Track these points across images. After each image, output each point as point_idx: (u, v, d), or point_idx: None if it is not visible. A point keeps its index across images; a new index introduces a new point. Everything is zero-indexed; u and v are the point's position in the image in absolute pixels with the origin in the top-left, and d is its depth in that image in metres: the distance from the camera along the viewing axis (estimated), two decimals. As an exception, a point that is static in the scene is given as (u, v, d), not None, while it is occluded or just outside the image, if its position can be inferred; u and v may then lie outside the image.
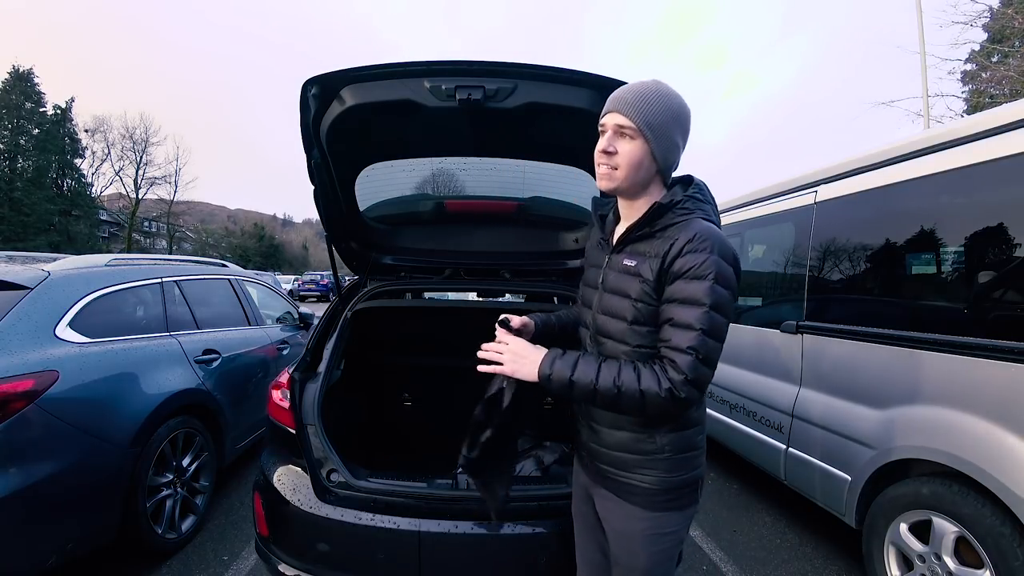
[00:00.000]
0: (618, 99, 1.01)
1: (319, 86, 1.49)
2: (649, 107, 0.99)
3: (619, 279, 1.06)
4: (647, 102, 0.99)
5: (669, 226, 1.00)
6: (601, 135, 1.04)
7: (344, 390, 2.20)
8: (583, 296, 1.21)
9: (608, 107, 1.03)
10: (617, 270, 1.07)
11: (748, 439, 2.95)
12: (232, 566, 2.27)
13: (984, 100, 12.81)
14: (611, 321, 1.06)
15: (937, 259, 1.92)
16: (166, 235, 40.63)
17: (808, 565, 2.41)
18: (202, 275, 3.18)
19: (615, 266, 1.08)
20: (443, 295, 3.75)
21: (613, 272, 1.08)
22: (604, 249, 1.15)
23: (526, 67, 1.44)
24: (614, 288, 1.07)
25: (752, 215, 3.25)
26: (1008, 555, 1.50)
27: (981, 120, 1.77)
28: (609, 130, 1.02)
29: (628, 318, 1.02)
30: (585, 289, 1.20)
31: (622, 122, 0.99)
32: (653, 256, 0.99)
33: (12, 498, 1.62)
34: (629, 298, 1.02)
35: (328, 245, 2.08)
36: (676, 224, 0.99)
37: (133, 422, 2.07)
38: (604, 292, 1.10)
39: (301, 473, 1.60)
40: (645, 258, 1.02)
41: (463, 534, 1.42)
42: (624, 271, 1.05)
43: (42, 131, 33.28)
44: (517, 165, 2.02)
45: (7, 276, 2.00)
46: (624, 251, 1.08)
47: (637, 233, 1.04)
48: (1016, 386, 1.54)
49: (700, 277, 0.92)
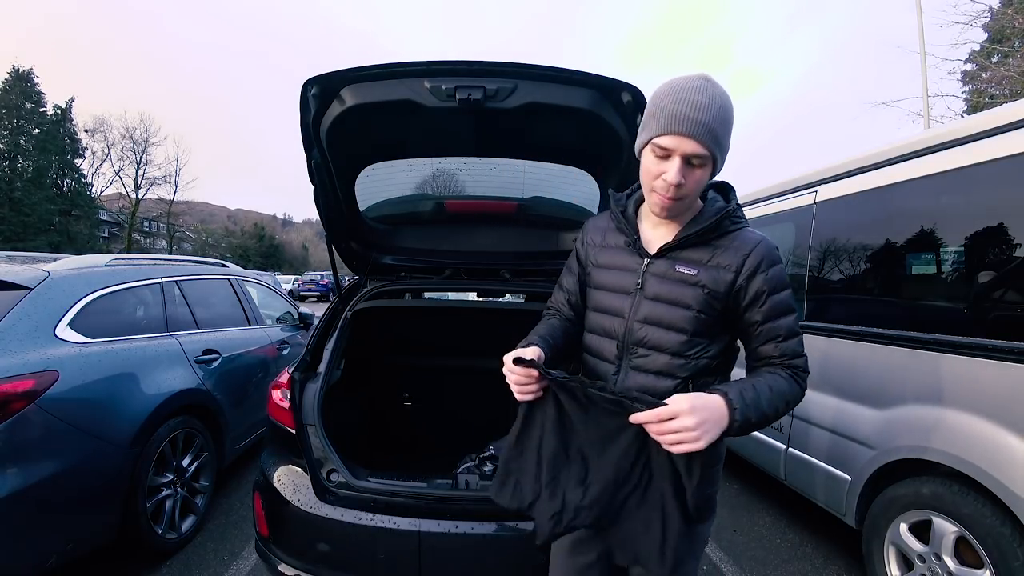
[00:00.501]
0: (691, 121, 0.87)
1: (319, 86, 1.49)
2: (724, 127, 0.90)
3: (673, 288, 0.98)
4: (722, 122, 0.89)
5: (724, 234, 0.99)
6: (655, 154, 0.92)
7: (344, 390, 2.20)
8: (601, 302, 1.09)
9: (677, 128, 0.88)
10: (666, 278, 0.99)
11: (748, 439, 2.95)
12: (232, 566, 2.27)
13: (984, 100, 12.81)
14: (661, 332, 0.99)
15: (937, 259, 1.92)
16: (166, 235, 40.62)
17: (808, 565, 2.41)
18: (202, 275, 3.18)
19: (661, 273, 1.00)
20: (443, 295, 3.75)
21: (658, 279, 1.00)
22: (633, 252, 1.05)
23: (526, 67, 1.44)
24: (666, 297, 0.99)
25: (752, 215, 3.25)
26: (1008, 555, 1.50)
27: (981, 120, 1.77)
28: (678, 158, 0.89)
29: (689, 329, 0.97)
30: (606, 295, 1.08)
31: (696, 151, 0.88)
32: (719, 267, 0.97)
33: (12, 498, 1.62)
34: (690, 309, 0.97)
35: (328, 245, 2.08)
36: (731, 233, 0.99)
37: (133, 422, 2.07)
38: (645, 300, 1.01)
39: (301, 473, 1.60)
40: (706, 267, 0.97)
41: (463, 534, 1.42)
42: (680, 280, 0.98)
43: (42, 131, 33.27)
44: (517, 165, 2.01)
45: (7, 276, 1.99)
46: (670, 257, 1.00)
47: (693, 240, 0.99)
48: (1016, 386, 1.54)
49: (784, 287, 0.98)
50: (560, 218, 2.28)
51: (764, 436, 2.78)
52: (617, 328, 1.04)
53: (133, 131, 36.83)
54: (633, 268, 1.04)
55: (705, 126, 0.87)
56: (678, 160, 0.89)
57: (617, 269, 1.07)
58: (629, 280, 1.04)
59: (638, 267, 1.03)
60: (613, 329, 1.05)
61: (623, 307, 1.04)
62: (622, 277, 1.05)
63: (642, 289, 1.02)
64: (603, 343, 1.07)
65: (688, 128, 0.87)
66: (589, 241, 1.16)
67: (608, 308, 1.07)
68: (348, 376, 2.28)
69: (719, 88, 0.90)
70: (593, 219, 1.21)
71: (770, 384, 0.92)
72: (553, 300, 1.23)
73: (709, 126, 0.87)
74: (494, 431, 2.41)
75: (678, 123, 0.87)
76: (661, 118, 0.90)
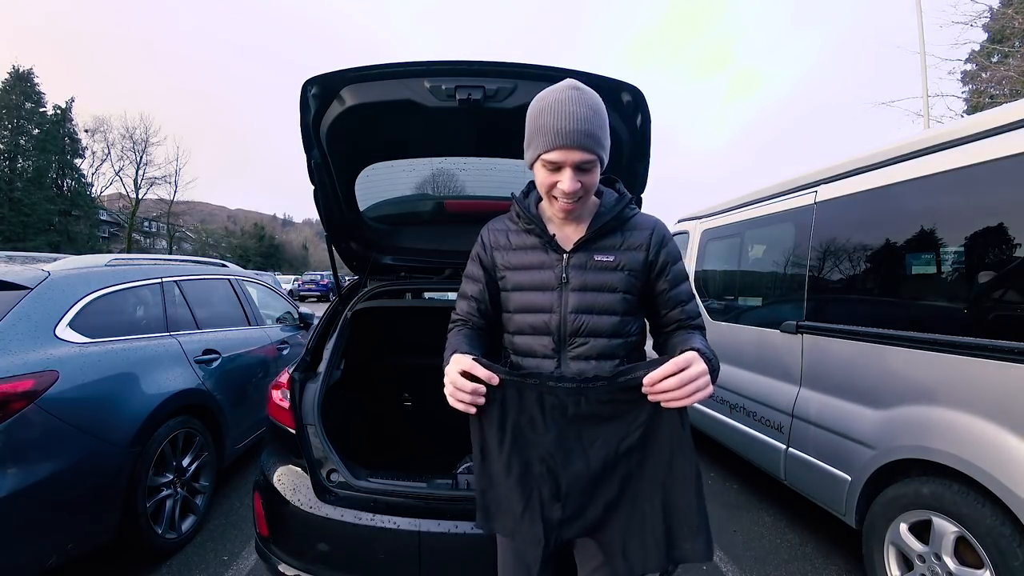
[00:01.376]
0: (573, 133, 0.92)
1: (319, 86, 1.49)
2: (601, 128, 0.95)
3: (596, 276, 1.05)
4: (599, 125, 0.95)
5: (626, 220, 1.09)
6: (546, 168, 0.97)
7: (344, 390, 2.20)
8: (525, 302, 1.09)
9: (560, 142, 0.93)
10: (588, 268, 1.05)
11: (748, 439, 2.95)
12: (232, 566, 2.27)
13: (984, 100, 12.82)
14: (595, 318, 1.04)
15: (937, 259, 1.92)
16: (166, 235, 40.65)
17: (808, 565, 2.41)
18: (202, 275, 3.18)
19: (582, 264, 1.06)
20: (443, 295, 3.75)
21: (581, 271, 1.05)
22: (549, 250, 1.08)
23: (526, 67, 1.44)
24: (592, 285, 1.05)
25: (752, 215, 3.25)
26: (1008, 555, 1.50)
27: (981, 120, 1.77)
28: (568, 168, 0.95)
29: (620, 310, 1.05)
30: (528, 295, 1.09)
31: (583, 159, 0.94)
32: (631, 248, 1.06)
33: (12, 498, 1.62)
34: (616, 291, 1.05)
35: (328, 245, 2.08)
36: (632, 218, 1.10)
37: (133, 422, 2.07)
38: (572, 292, 1.05)
39: (301, 473, 1.60)
40: (620, 251, 1.06)
41: (463, 534, 1.42)
42: (602, 267, 1.05)
43: (42, 131, 33.29)
44: (517, 165, 2.01)
45: (7, 276, 2.00)
46: (586, 249, 1.06)
47: (603, 231, 1.07)
48: (1016, 386, 1.54)
49: (679, 259, 1.11)
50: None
51: (764, 436, 2.78)
52: (550, 323, 1.06)
53: (133, 131, 36.93)
54: (551, 265, 1.07)
55: (586, 133, 0.93)
56: (569, 171, 0.95)
57: (535, 269, 1.09)
58: (549, 276, 1.07)
59: (558, 263, 1.07)
60: (545, 325, 1.07)
61: (550, 303, 1.06)
62: (541, 275, 1.08)
63: (567, 283, 1.06)
64: (535, 340, 1.09)
65: (572, 140, 0.92)
66: (493, 245, 1.16)
67: (534, 306, 1.08)
68: (348, 376, 2.28)
69: (588, 92, 0.96)
70: (491, 224, 1.22)
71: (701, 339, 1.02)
72: (459, 311, 1.21)
73: (589, 132, 0.93)
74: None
75: (561, 137, 0.93)
76: (544, 135, 0.95)
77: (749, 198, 3.35)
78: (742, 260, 3.37)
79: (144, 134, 37.11)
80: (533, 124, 0.98)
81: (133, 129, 37.02)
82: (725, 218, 3.60)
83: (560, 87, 0.97)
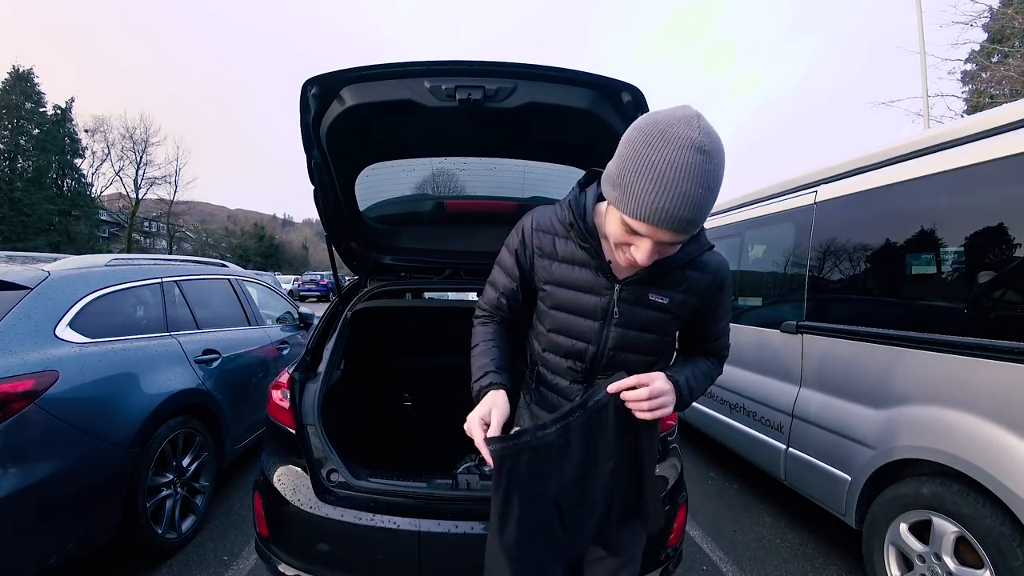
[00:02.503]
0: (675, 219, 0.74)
1: (319, 86, 1.49)
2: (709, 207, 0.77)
3: (644, 315, 0.97)
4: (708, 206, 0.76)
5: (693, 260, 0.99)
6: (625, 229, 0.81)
7: (344, 390, 2.20)
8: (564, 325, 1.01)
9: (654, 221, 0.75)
10: (638, 304, 0.97)
11: (748, 439, 2.95)
12: (232, 566, 2.27)
13: (984, 100, 12.82)
14: (632, 356, 1.00)
15: (937, 259, 1.92)
16: (166, 235, 40.65)
17: (808, 565, 2.41)
18: (202, 275, 3.18)
19: (633, 299, 0.96)
20: (443, 295, 3.75)
21: (630, 306, 0.97)
22: (600, 275, 0.97)
23: (526, 67, 1.44)
24: (637, 324, 0.97)
25: (752, 215, 3.25)
26: (1008, 555, 1.50)
27: (981, 120, 1.77)
28: (650, 242, 0.79)
29: (655, 351, 1.02)
30: (569, 318, 1.00)
31: (674, 240, 0.79)
32: (689, 292, 0.99)
33: (12, 498, 1.62)
34: (654, 333, 0.99)
35: (328, 245, 2.08)
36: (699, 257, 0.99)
37: (133, 422, 2.07)
38: (616, 327, 0.97)
39: (301, 473, 1.60)
40: (677, 292, 0.97)
41: (463, 534, 1.42)
42: (652, 307, 0.97)
43: (42, 131, 33.28)
44: (517, 165, 2.01)
45: (7, 276, 1.99)
46: (641, 283, 0.96)
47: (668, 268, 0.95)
48: (1016, 386, 1.54)
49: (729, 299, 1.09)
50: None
51: (764, 436, 2.78)
52: (586, 353, 1.01)
53: (133, 131, 36.95)
54: (599, 291, 0.97)
55: (690, 221, 0.74)
56: (650, 244, 0.79)
57: (581, 291, 0.98)
58: (596, 304, 0.97)
59: (608, 292, 0.96)
60: (580, 353, 1.01)
61: (592, 333, 0.98)
62: (588, 300, 0.98)
63: (615, 317, 0.97)
64: (566, 364, 1.04)
65: (670, 224, 0.74)
66: (538, 250, 1.03)
67: (573, 332, 1.00)
68: (348, 376, 2.28)
69: (714, 161, 0.72)
70: (535, 219, 1.06)
71: (706, 372, 1.06)
72: (487, 302, 1.13)
73: (694, 220, 0.75)
74: (494, 431, 2.41)
75: (659, 217, 0.74)
76: (639, 201, 0.74)
77: (749, 198, 3.36)
78: (742, 260, 3.37)
79: (144, 134, 37.19)
80: (633, 169, 0.75)
81: (133, 129, 37.11)
82: (725, 218, 3.60)
83: (684, 142, 0.71)
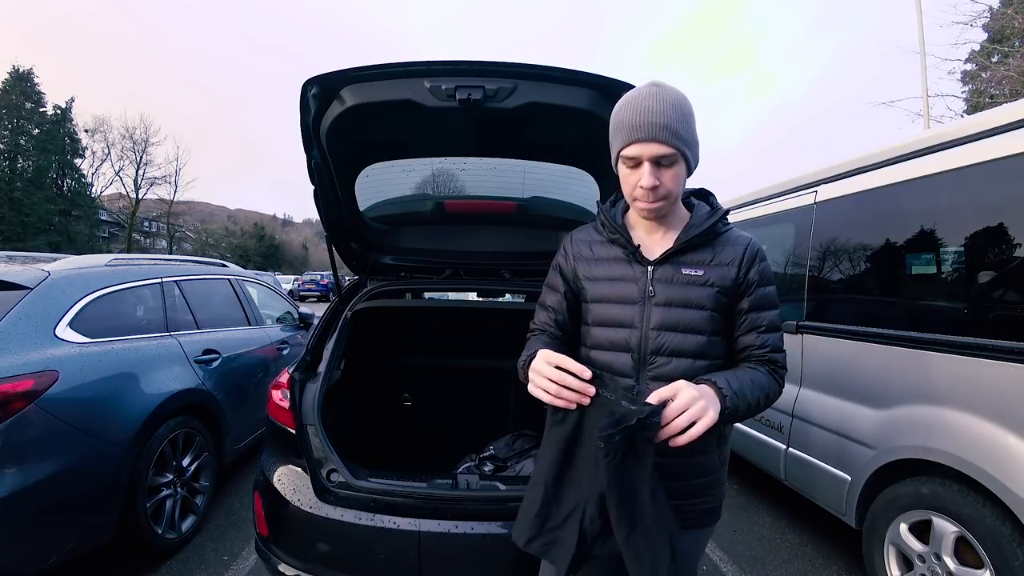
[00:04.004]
0: (648, 126, 0.91)
1: (319, 86, 1.49)
2: (683, 123, 0.92)
3: (683, 290, 0.98)
4: (680, 119, 0.92)
5: (719, 235, 1.03)
6: (626, 165, 0.97)
7: (344, 390, 2.20)
8: (606, 315, 1.04)
9: (637, 136, 0.92)
10: (674, 282, 0.99)
11: (748, 439, 2.95)
12: (232, 566, 2.27)
13: (984, 100, 12.82)
14: (679, 336, 0.98)
15: (937, 259, 1.92)
16: (166, 235, 40.62)
17: (808, 565, 2.41)
18: (202, 275, 3.18)
19: (667, 278, 1.00)
20: (443, 295, 3.75)
21: (666, 285, 0.99)
22: (633, 261, 1.03)
23: (526, 67, 1.44)
24: (678, 301, 0.98)
25: (752, 215, 3.25)
26: (1008, 555, 1.50)
27: (981, 120, 1.77)
28: (646, 163, 0.93)
29: (707, 329, 0.98)
30: (609, 307, 1.03)
31: (661, 152, 0.92)
32: (721, 264, 1.00)
33: (12, 498, 1.63)
34: (704, 309, 0.98)
35: (328, 245, 2.08)
36: (724, 233, 1.04)
37: (133, 422, 2.07)
38: (656, 307, 0.99)
39: (301, 473, 1.60)
40: (710, 267, 0.99)
41: (463, 534, 1.42)
42: (689, 282, 0.99)
43: (42, 131, 33.30)
44: (517, 165, 2.01)
45: (7, 276, 2.00)
46: (673, 262, 1.00)
47: (693, 243, 1.01)
48: (1016, 386, 1.54)
49: (771, 283, 1.03)
50: (560, 218, 2.28)
51: (764, 436, 2.78)
52: (631, 340, 1.00)
53: (133, 131, 36.82)
54: (635, 277, 1.02)
55: (663, 126, 0.91)
56: (647, 165, 0.94)
57: (617, 280, 1.04)
58: (633, 289, 1.01)
59: (642, 275, 1.01)
60: (625, 342, 1.01)
61: (632, 317, 1.00)
62: (624, 287, 1.02)
63: (652, 296, 0.99)
64: (615, 357, 1.02)
65: (647, 133, 0.91)
66: (576, 255, 1.12)
67: (615, 320, 1.02)
68: (348, 376, 2.28)
69: (670, 89, 0.94)
70: (575, 233, 1.18)
71: (751, 378, 0.95)
72: (537, 320, 1.17)
73: (667, 125, 0.91)
74: (494, 431, 2.42)
75: (637, 131, 0.92)
76: (622, 130, 0.95)
77: (749, 198, 3.36)
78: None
79: (144, 134, 37.06)
80: (613, 123, 0.97)
81: (133, 129, 36.97)
82: (725, 218, 3.59)
83: (642, 86, 0.96)
